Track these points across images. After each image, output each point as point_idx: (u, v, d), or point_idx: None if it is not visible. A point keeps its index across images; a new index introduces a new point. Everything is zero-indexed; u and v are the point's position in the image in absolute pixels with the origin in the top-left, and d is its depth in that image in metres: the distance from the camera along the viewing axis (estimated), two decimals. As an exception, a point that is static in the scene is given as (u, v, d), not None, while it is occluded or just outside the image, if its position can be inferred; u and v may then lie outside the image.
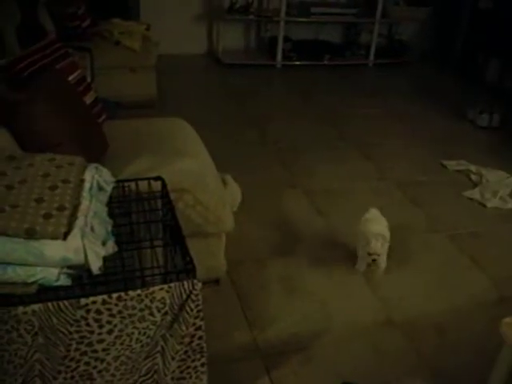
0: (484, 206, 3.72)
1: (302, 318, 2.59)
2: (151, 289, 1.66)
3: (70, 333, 1.66)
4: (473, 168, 4.15)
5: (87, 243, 1.62)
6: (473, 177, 4.08)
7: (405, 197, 3.74)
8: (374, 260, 2.86)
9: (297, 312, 2.63)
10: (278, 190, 3.67)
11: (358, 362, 2.37)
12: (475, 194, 3.85)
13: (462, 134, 4.84)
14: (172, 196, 2.10)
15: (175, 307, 1.72)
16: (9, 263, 1.59)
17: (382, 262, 2.95)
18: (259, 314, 2.60)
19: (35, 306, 1.59)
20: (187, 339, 1.80)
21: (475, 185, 3.97)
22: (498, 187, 3.90)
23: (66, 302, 1.61)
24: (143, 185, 2.15)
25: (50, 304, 1.60)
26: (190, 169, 2.39)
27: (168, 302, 1.70)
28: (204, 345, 1.85)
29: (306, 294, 2.75)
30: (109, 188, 1.91)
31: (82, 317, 1.64)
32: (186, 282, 1.69)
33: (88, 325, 1.66)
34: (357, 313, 2.66)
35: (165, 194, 2.09)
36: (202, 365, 1.91)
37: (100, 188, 1.87)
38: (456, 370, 2.38)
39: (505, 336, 1.87)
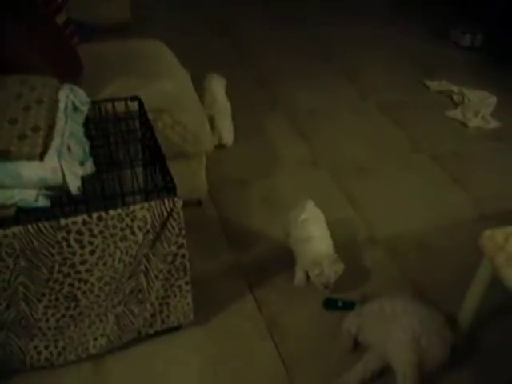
0: (466, 125, 3.70)
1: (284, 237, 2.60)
2: (132, 207, 1.66)
3: (52, 255, 1.66)
4: (455, 88, 4.12)
5: (64, 163, 1.60)
6: (455, 97, 4.05)
7: (387, 118, 3.71)
8: (326, 287, 2.26)
9: (279, 231, 2.64)
10: (261, 113, 3.63)
11: (340, 277, 2.39)
12: (457, 113, 3.83)
13: (444, 55, 4.77)
14: (150, 116, 2.07)
15: (157, 225, 1.72)
16: (-15, 186, 1.56)
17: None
18: (241, 234, 2.62)
19: (15, 229, 1.58)
20: (170, 258, 1.81)
21: (457, 105, 3.95)
22: (479, 107, 3.88)
23: (46, 224, 1.60)
24: (120, 106, 2.11)
25: (30, 226, 1.59)
26: (168, 89, 2.34)
27: (149, 220, 1.69)
28: (187, 263, 1.86)
29: (287, 213, 2.75)
30: (84, 108, 1.87)
31: (63, 238, 1.64)
32: (166, 200, 1.68)
33: (70, 246, 1.66)
34: (340, 231, 2.66)
35: (142, 113, 2.06)
36: (186, 283, 1.93)
37: (75, 108, 1.83)
38: (437, 284, 2.43)
39: (484, 248, 1.90)
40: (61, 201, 1.67)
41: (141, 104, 2.07)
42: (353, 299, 2.28)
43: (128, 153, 2.04)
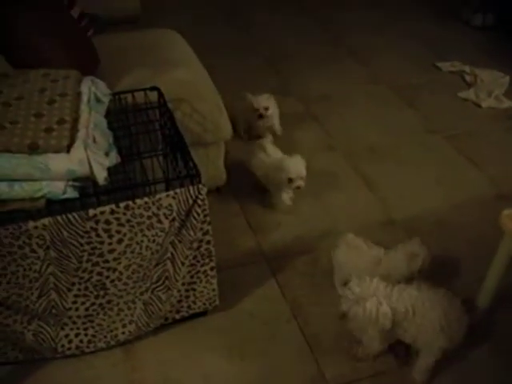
0: (479, 106, 3.70)
1: (305, 221, 2.64)
2: (158, 196, 1.69)
3: (81, 244, 1.70)
4: (467, 68, 4.11)
5: (91, 154, 1.63)
6: (467, 77, 4.04)
7: (400, 100, 3.71)
8: (298, 187, 2.58)
9: (300, 216, 2.68)
10: (275, 99, 3.64)
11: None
12: (470, 94, 3.83)
13: (456, 35, 4.75)
14: (169, 106, 2.09)
15: (182, 213, 1.75)
16: (15, 180, 1.60)
17: None
18: (262, 220, 2.65)
19: (45, 220, 1.62)
20: (195, 244, 1.84)
21: (470, 85, 3.94)
22: (492, 87, 3.87)
23: (75, 214, 1.64)
24: (139, 96, 2.13)
25: (59, 217, 1.63)
26: (185, 78, 2.36)
27: (175, 208, 1.72)
28: (212, 249, 1.89)
29: (307, 199, 2.78)
30: (106, 100, 1.90)
31: (92, 228, 1.67)
32: (191, 188, 1.71)
33: (98, 235, 1.70)
34: (359, 214, 2.71)
35: (162, 103, 2.08)
36: (212, 269, 1.96)
37: (97, 100, 1.86)
38: (456, 262, 2.46)
39: (504, 226, 1.92)
40: (88, 191, 1.71)
41: (160, 94, 2.10)
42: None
43: (150, 142, 2.07)
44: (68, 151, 1.62)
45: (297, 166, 2.54)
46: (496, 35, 4.73)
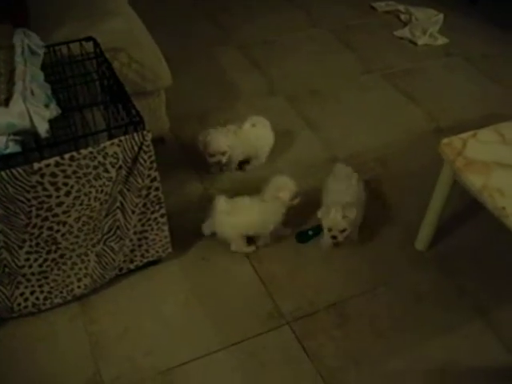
0: (415, 43, 3.77)
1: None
2: (102, 145, 1.67)
3: (28, 200, 1.68)
4: (401, 7, 4.15)
5: (30, 107, 1.59)
6: (402, 16, 4.09)
7: (338, 42, 3.74)
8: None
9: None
10: (215, 47, 3.60)
11: (307, 197, 2.47)
12: (405, 32, 3.89)
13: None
14: (106, 56, 2.06)
15: (128, 160, 1.74)
16: (-47, 137, 1.56)
17: None
18: (208, 166, 2.64)
19: (-12, 177, 1.59)
20: (144, 191, 1.85)
21: (405, 24, 4.00)
22: (427, 25, 3.93)
23: (19, 169, 1.61)
24: (75, 48, 2.08)
25: (3, 173, 1.60)
26: (121, 27, 2.31)
27: (121, 156, 1.72)
28: (161, 195, 1.90)
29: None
30: (41, 52, 1.85)
31: (38, 182, 1.65)
32: (136, 134, 1.70)
33: (45, 189, 1.68)
34: (302, 154, 2.78)
35: (99, 53, 2.04)
36: (162, 216, 1.97)
37: (32, 52, 1.81)
38: (400, 195, 2.55)
39: (443, 154, 1.99)
40: (31, 145, 1.68)
41: (96, 44, 2.06)
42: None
43: (89, 94, 2.04)
44: (6, 105, 1.58)
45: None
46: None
